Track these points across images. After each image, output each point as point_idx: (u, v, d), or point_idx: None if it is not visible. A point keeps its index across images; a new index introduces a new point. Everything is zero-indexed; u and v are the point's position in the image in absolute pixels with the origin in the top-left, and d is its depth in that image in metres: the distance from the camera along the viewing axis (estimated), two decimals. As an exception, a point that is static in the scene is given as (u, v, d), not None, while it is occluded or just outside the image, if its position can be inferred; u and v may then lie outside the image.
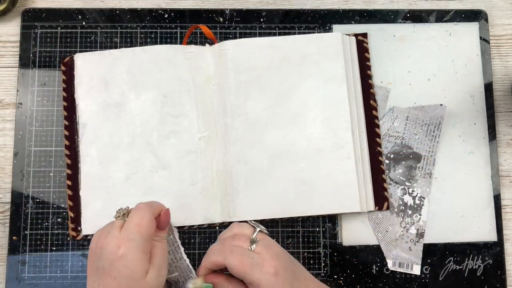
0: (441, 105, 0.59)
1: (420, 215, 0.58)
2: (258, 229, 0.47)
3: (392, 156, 0.59)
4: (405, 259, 0.57)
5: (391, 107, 0.60)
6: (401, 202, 0.58)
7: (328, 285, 0.58)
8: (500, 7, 0.64)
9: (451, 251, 0.58)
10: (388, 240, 0.58)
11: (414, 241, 0.57)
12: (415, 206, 0.58)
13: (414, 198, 0.58)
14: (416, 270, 0.57)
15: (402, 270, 0.58)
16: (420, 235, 0.58)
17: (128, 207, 0.46)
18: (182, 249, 0.52)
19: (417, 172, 0.59)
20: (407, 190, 0.58)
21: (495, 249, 0.59)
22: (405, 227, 0.58)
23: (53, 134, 0.60)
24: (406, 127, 0.59)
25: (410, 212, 0.58)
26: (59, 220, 0.58)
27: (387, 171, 0.59)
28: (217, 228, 0.59)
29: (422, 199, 0.58)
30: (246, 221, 0.49)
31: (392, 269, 0.58)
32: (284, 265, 0.45)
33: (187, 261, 0.51)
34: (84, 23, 0.62)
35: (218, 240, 0.49)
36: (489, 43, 0.63)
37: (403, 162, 0.59)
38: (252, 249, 0.45)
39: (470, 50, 0.62)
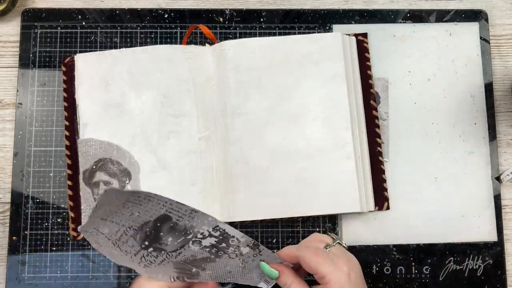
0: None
1: None
2: (337, 240, 0.47)
3: None
4: None
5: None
6: None
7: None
8: (500, 7, 0.64)
9: (451, 251, 0.58)
10: None
11: None
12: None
13: None
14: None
15: None
16: None
17: None
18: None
19: None
20: None
21: (495, 249, 0.59)
22: None
23: (53, 134, 0.60)
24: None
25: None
26: (59, 220, 0.58)
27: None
28: (217, 228, 0.59)
29: None
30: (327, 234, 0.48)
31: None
32: (357, 273, 0.44)
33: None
34: (84, 23, 0.62)
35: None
36: (489, 43, 0.63)
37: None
38: (327, 249, 0.46)
39: (470, 50, 0.62)
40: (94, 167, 0.57)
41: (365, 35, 0.61)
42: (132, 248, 0.42)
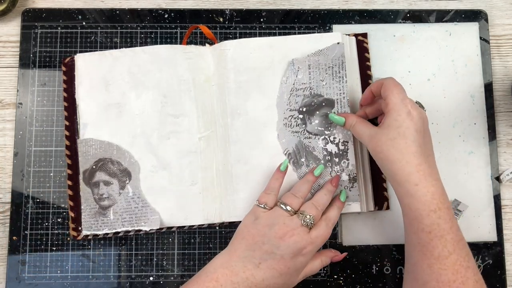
0: (338, 43, 0.58)
1: (347, 160, 0.56)
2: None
3: (304, 109, 0.57)
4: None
5: (291, 59, 0.58)
6: (325, 153, 0.57)
7: (328, 285, 0.58)
8: (500, 7, 0.64)
9: (451, 251, 0.58)
10: None
11: (349, 188, 0.56)
12: (340, 152, 0.57)
13: (337, 145, 0.56)
14: (356, 208, 0.56)
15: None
16: (353, 179, 0.56)
17: (296, 210, 0.51)
18: None
19: None
20: (328, 139, 0.57)
21: (495, 249, 0.59)
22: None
23: (53, 134, 0.60)
24: (310, 76, 0.58)
25: (337, 160, 0.56)
26: (59, 220, 0.58)
27: (304, 126, 0.57)
28: (217, 228, 0.59)
29: (346, 144, 0.57)
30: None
31: None
32: (419, 118, 0.49)
33: None
34: (84, 23, 0.62)
35: None
36: (489, 43, 0.63)
37: (317, 112, 0.57)
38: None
39: (470, 50, 0.62)
40: (94, 167, 0.57)
41: (365, 35, 0.61)
42: (295, 104, 0.57)
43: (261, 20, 0.62)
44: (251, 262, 0.49)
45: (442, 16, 0.63)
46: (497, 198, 0.59)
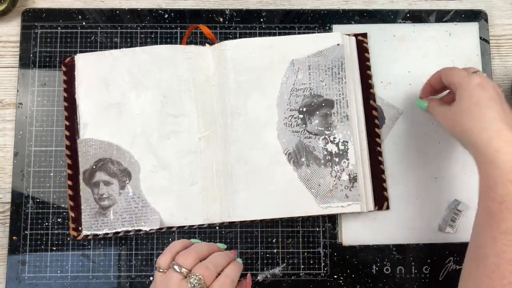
0: (338, 45, 0.58)
1: (347, 159, 0.57)
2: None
3: (304, 109, 0.58)
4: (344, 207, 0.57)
5: (291, 60, 0.58)
6: (325, 153, 0.57)
7: (328, 285, 0.58)
8: (500, 7, 0.64)
9: (451, 251, 0.58)
10: (323, 194, 0.57)
11: (349, 187, 0.57)
12: (340, 152, 0.57)
13: (337, 144, 0.57)
14: (356, 208, 0.56)
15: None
16: (353, 179, 0.57)
17: (189, 271, 0.44)
18: None
19: (334, 118, 0.57)
20: (328, 138, 0.57)
21: (495, 249, 0.59)
22: (336, 175, 0.57)
23: (53, 134, 0.60)
24: (310, 77, 0.58)
25: (337, 159, 0.57)
26: (59, 220, 0.58)
27: (304, 125, 0.57)
28: (217, 228, 0.59)
29: (346, 144, 0.57)
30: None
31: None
32: (493, 89, 0.46)
33: None
34: (84, 23, 0.62)
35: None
36: (489, 43, 0.63)
37: (317, 112, 0.57)
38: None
39: (470, 50, 0.62)
40: (94, 167, 0.57)
41: (364, 35, 0.61)
42: (296, 104, 0.58)
43: (261, 20, 0.63)
44: None
45: (442, 16, 0.63)
46: (497, 198, 0.59)
